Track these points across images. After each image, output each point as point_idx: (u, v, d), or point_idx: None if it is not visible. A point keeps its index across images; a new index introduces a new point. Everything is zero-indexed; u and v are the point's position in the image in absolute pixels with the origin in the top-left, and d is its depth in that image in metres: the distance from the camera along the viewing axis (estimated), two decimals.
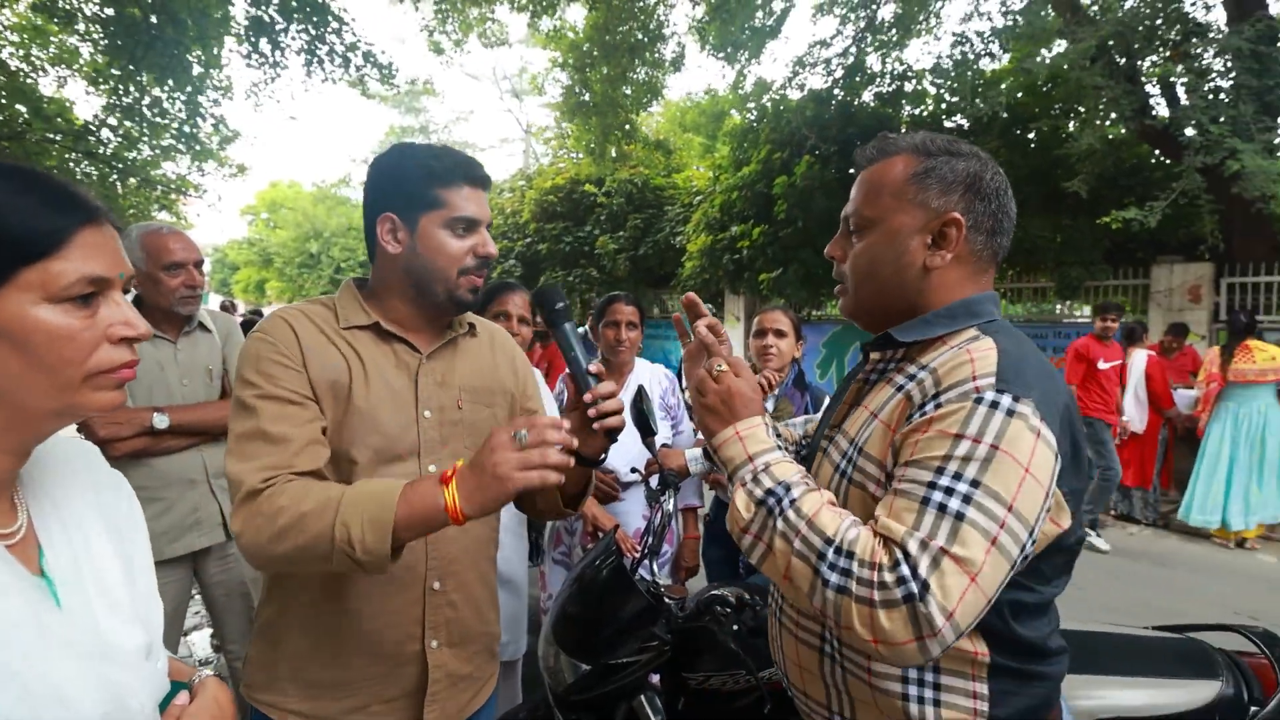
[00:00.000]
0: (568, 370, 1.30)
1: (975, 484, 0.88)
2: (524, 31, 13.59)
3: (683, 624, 1.78)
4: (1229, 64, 7.02)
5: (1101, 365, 5.77)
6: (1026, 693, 1.05)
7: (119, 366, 0.75)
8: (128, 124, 9.69)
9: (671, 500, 1.99)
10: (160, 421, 2.09)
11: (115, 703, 0.73)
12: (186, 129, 9.73)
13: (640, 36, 10.73)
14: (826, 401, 2.70)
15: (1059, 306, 10.10)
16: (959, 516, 0.87)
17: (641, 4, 10.59)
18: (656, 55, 11.22)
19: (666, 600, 1.83)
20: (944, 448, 0.91)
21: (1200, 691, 1.73)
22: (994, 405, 0.92)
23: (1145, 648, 1.93)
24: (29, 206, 0.70)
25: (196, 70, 8.80)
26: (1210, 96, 6.97)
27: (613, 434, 1.24)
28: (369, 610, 1.25)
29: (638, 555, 1.97)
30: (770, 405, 2.68)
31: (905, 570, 0.85)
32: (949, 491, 0.89)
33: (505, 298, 2.42)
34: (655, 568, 1.95)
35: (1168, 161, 7.84)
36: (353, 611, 1.24)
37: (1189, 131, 6.85)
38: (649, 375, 2.73)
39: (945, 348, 1.05)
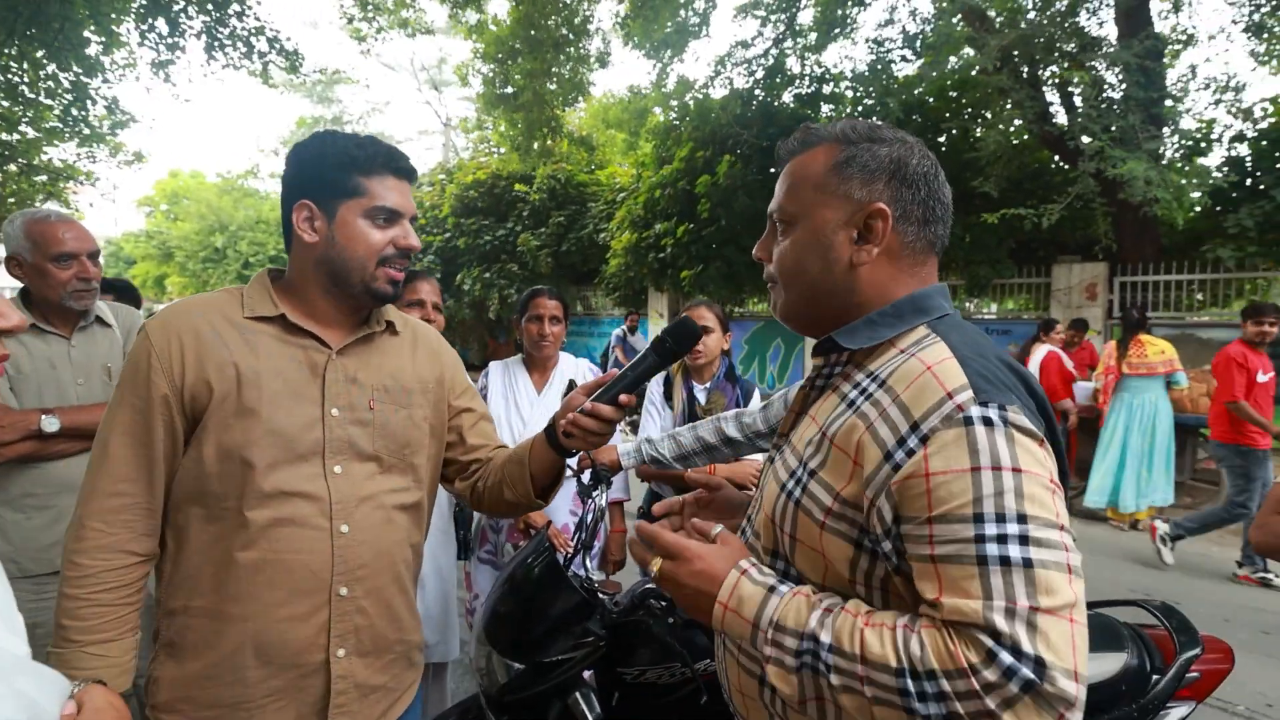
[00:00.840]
0: (618, 370, 1.33)
1: (1023, 519, 0.76)
2: (444, 20, 13.24)
3: (617, 619, 1.76)
4: (1120, 76, 7.50)
5: (1260, 378, 4.89)
6: None
7: None
8: (5, 104, 8.94)
9: (604, 495, 1.97)
10: (49, 425, 1.90)
11: (30, 711, 0.66)
12: (74, 111, 9.04)
13: (564, 31, 10.65)
14: (756, 394, 2.75)
15: (968, 304, 10.56)
16: (1027, 564, 0.75)
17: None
18: (581, 50, 11.16)
19: (600, 595, 1.80)
20: (966, 489, 0.78)
21: (1108, 664, 1.83)
22: (988, 422, 0.81)
23: None
24: None
25: (92, 49, 8.21)
26: (1104, 106, 7.43)
27: (570, 439, 1.32)
28: (268, 619, 1.17)
29: (570, 551, 1.94)
30: (703, 399, 2.69)
31: (1006, 656, 0.72)
32: (1002, 540, 0.76)
33: (416, 285, 2.37)
34: (589, 563, 1.92)
35: (1066, 166, 8.32)
36: (250, 619, 1.17)
37: (1085, 139, 7.28)
38: (574, 369, 2.70)
39: (894, 350, 0.97)
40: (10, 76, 8.40)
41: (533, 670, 1.70)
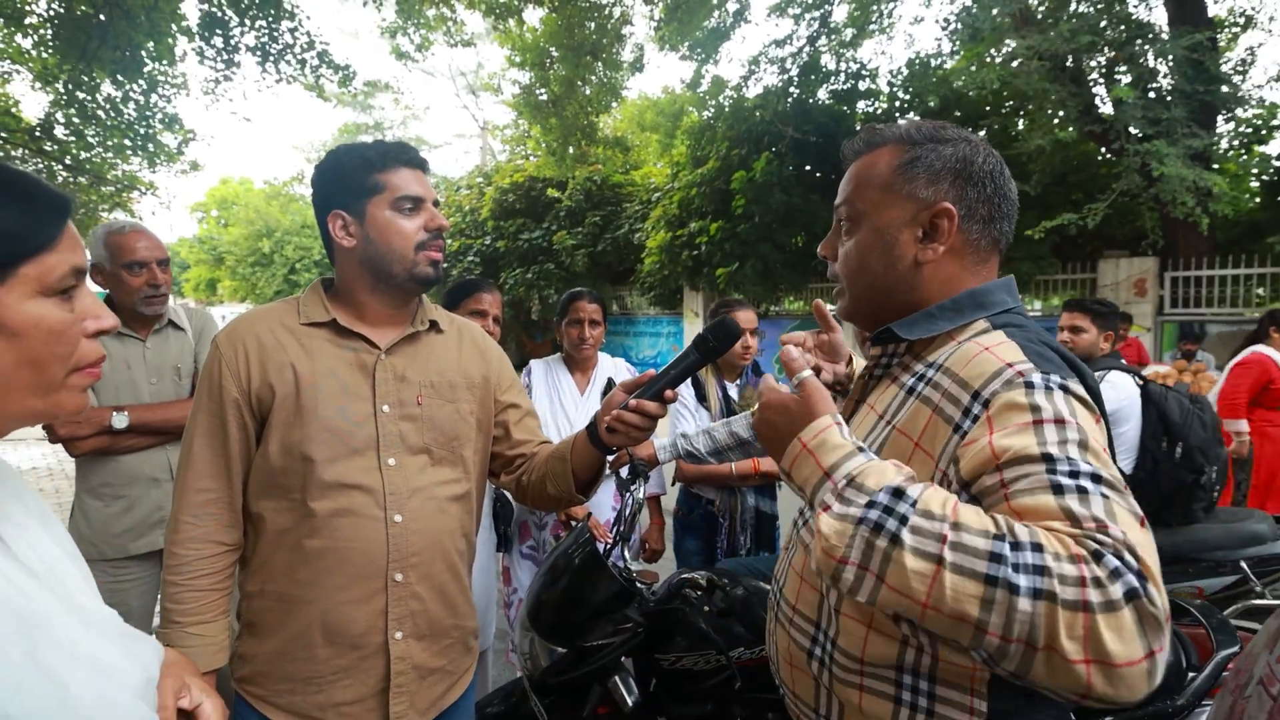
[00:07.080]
0: (659, 371, 1.34)
1: (1089, 464, 0.75)
2: (481, 27, 13.39)
3: (655, 607, 1.82)
4: (1169, 65, 7.27)
5: None
6: (1031, 715, 0.93)
7: (92, 363, 0.75)
8: (77, 122, 9.35)
9: (642, 489, 2.03)
10: (119, 421, 2.07)
11: (145, 672, 0.75)
12: (140, 129, 9.41)
13: (599, 38, 10.71)
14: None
15: None
16: (1105, 498, 0.72)
17: (599, 4, 10.57)
18: (615, 56, 11.22)
19: (639, 584, 1.87)
20: (1031, 438, 0.78)
21: None
22: (1048, 387, 0.82)
23: None
24: (25, 200, 0.70)
25: (149, 67, 8.56)
26: (1151, 96, 7.20)
27: (614, 435, 1.33)
28: (332, 602, 1.27)
29: (610, 542, 2.01)
30: (735, 394, 2.74)
31: (1113, 558, 0.66)
32: (1074, 475, 0.74)
33: (479, 295, 2.38)
34: (627, 554, 1.99)
35: (1111, 158, 8.09)
36: (316, 602, 1.27)
37: (1133, 130, 7.06)
38: (613, 368, 2.77)
39: (953, 343, 0.98)
40: (81, 95, 8.77)
41: (574, 654, 1.78)
